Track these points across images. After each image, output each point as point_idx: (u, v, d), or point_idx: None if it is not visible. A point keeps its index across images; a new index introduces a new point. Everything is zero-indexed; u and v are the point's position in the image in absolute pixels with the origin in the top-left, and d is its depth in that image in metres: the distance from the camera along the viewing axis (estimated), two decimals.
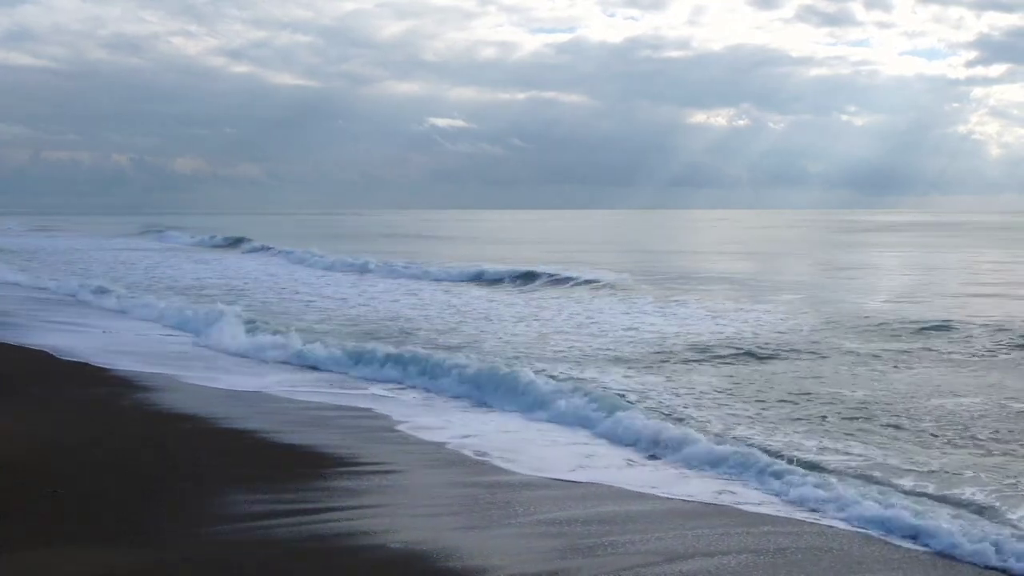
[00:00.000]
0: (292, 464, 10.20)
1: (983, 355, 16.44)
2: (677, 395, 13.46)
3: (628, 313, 23.04)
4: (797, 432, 11.29)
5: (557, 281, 30.82)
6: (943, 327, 18.94)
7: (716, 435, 11.01)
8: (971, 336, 18.05)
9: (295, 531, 8.03)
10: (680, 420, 11.82)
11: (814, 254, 51.59)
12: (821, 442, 10.77)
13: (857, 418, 11.90)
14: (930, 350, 16.88)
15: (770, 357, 16.56)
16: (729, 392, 13.64)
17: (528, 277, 31.77)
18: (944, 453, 10.28)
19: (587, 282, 30.08)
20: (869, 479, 9.31)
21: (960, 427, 11.41)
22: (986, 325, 19.27)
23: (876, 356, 16.39)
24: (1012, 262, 41.76)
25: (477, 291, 29.34)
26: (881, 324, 19.95)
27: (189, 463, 10.19)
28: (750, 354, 16.73)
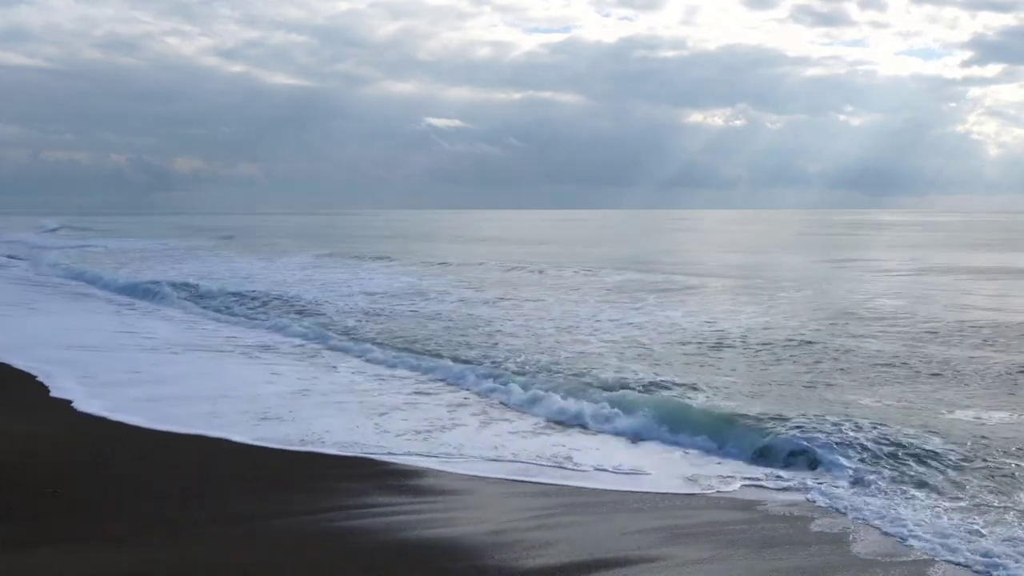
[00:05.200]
0: (295, 465, 10.23)
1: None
2: None
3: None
4: None
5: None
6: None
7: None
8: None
9: (298, 529, 8.05)
10: None
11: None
12: None
13: None
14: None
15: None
16: None
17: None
18: None
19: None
20: None
21: None
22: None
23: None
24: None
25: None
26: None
27: (191, 463, 10.20)
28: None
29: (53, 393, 13.76)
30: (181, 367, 16.26)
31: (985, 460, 9.77)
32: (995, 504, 8.58)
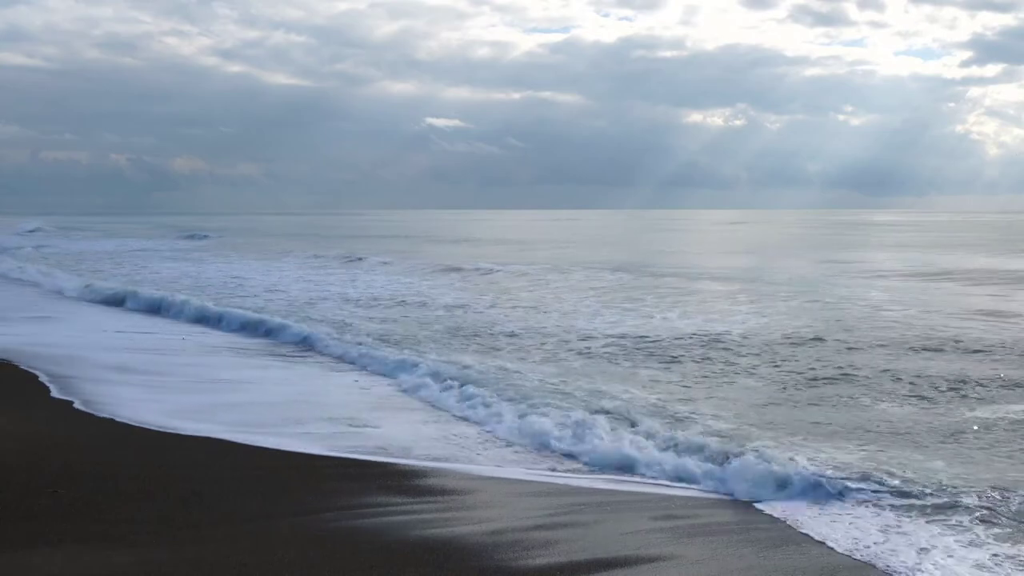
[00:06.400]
0: (295, 465, 10.23)
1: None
2: None
3: None
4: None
5: None
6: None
7: None
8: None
9: (298, 529, 8.05)
10: None
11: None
12: None
13: None
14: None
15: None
16: None
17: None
18: None
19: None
20: None
21: None
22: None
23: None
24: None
25: None
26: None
27: (191, 463, 10.19)
28: None
29: (63, 396, 13.78)
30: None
31: (989, 476, 9.62)
32: (999, 524, 8.34)
